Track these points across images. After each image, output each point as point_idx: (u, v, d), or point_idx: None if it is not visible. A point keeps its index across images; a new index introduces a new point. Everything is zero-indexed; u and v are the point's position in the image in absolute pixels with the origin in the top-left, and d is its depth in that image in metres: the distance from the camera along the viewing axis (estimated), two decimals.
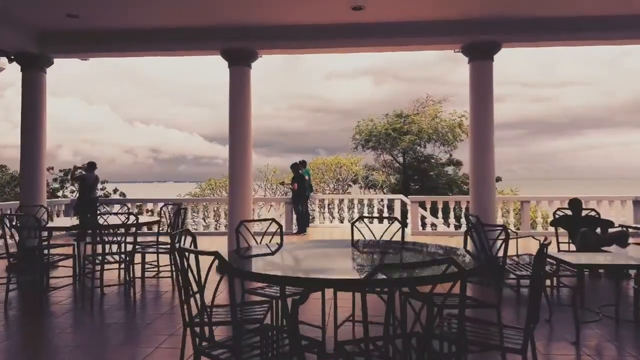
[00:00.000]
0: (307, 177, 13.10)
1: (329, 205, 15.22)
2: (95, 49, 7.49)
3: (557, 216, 7.89)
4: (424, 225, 11.97)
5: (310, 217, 14.28)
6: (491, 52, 7.30)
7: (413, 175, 17.78)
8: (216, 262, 2.42)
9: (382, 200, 14.09)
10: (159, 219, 6.55)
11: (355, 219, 4.50)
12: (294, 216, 12.03)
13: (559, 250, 7.44)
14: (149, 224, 5.94)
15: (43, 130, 7.74)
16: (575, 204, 7.56)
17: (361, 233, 4.32)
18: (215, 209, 14.35)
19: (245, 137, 7.30)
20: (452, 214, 11.85)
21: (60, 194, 15.79)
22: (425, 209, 12.08)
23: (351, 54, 7.95)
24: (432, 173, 17.12)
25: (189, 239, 3.02)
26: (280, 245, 3.90)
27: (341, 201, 13.90)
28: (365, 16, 6.63)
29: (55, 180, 15.81)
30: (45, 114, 7.76)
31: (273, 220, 4.24)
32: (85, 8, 6.45)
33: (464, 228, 11.47)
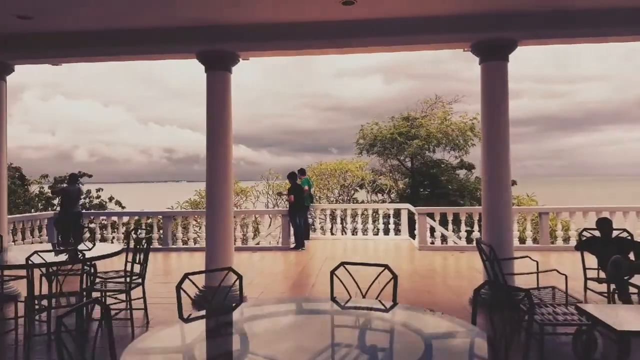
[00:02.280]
0: (306, 187, 12.26)
1: (331, 215, 14.34)
2: (59, 54, 6.71)
3: (583, 237, 6.92)
4: (433, 235, 11.04)
5: (312, 227, 13.45)
6: (505, 51, 6.34)
7: (422, 180, 16.81)
8: None
9: (387, 210, 13.18)
10: (123, 247, 5.71)
11: (336, 267, 3.62)
12: (292, 230, 11.17)
13: (586, 280, 6.46)
14: (105, 258, 5.09)
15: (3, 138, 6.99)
16: (603, 224, 6.57)
17: (344, 286, 3.44)
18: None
19: (224, 153, 6.45)
20: (463, 225, 10.89)
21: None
22: (434, 219, 11.16)
23: (352, 54, 7.03)
24: (442, 178, 16.13)
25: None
26: (237, 304, 3.06)
27: (344, 211, 13.02)
28: (356, 12, 5.72)
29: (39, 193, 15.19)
30: (4, 122, 7.02)
31: (230, 269, 3.38)
32: (40, 9, 5.66)
33: (476, 235, 10.57)
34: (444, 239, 11.41)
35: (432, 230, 11.12)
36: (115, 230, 11.88)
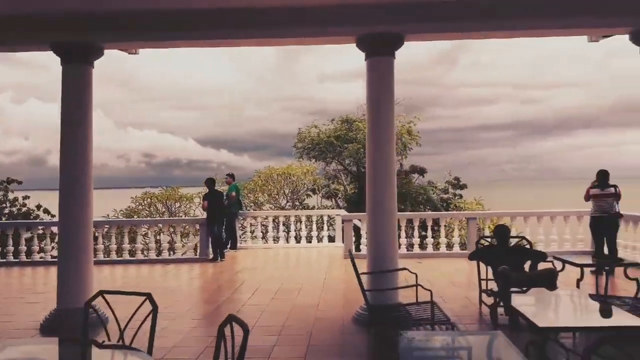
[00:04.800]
0: (234, 193, 11.66)
1: (262, 223, 13.77)
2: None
3: (479, 247, 6.48)
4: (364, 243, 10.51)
5: (242, 236, 12.83)
6: (392, 47, 5.87)
7: None
8: None
9: (321, 216, 12.66)
10: None
11: (93, 296, 3.03)
12: (210, 240, 10.53)
13: (481, 292, 6.01)
14: None
15: None
16: (500, 231, 6.14)
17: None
18: (145, 232, 12.69)
19: (83, 158, 5.81)
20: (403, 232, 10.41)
21: None
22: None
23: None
24: None
25: None
26: None
27: (276, 218, 12.46)
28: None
29: None
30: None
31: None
32: None
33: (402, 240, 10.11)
34: None
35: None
36: None
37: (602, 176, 7.91)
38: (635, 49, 5.94)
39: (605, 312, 4.10)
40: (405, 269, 5.35)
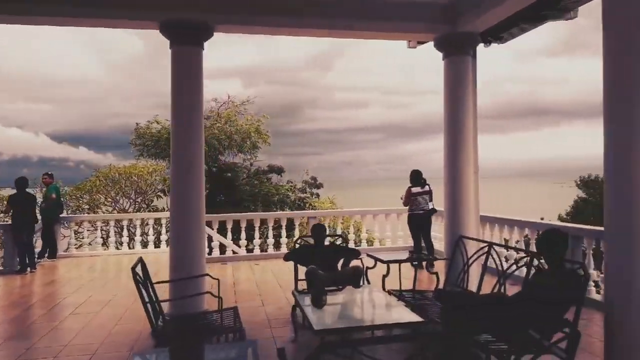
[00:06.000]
0: (53, 195, 10.27)
1: (102, 228, 12.51)
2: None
3: (297, 246, 6.42)
4: (210, 245, 9.95)
5: (66, 241, 11.43)
6: (199, 37, 5.50)
7: (220, 186, 15.77)
8: None
9: (159, 219, 11.83)
10: None
11: None
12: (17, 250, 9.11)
13: (293, 293, 5.90)
14: None
15: None
16: (316, 230, 6.12)
17: None
18: None
19: None
20: (243, 233, 10.02)
21: None
22: (212, 227, 10.17)
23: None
24: (237, 183, 15.30)
25: None
26: None
27: (106, 222, 11.32)
28: None
29: None
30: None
31: None
32: None
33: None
34: (223, 249, 10.49)
35: (211, 239, 10.14)
36: None
37: (418, 175, 8.40)
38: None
39: (385, 310, 4.17)
40: (207, 274, 5.00)
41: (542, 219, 16.39)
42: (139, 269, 4.00)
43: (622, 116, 3.41)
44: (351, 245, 10.19)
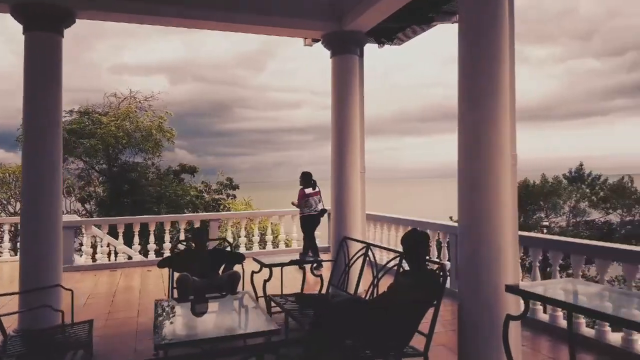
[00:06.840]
0: None
1: None
2: None
3: (176, 251, 6.03)
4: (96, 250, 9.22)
5: None
6: (58, 23, 4.97)
7: (123, 187, 14.85)
8: None
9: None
10: None
11: None
12: None
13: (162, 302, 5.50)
14: None
15: None
16: (196, 234, 5.77)
17: None
18: None
19: None
20: (136, 237, 9.35)
21: None
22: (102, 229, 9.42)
23: None
24: (142, 184, 14.48)
25: None
26: None
27: (11, 227, 10.19)
28: None
29: None
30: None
31: None
32: None
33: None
34: (115, 253, 9.77)
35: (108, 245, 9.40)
36: None
37: (309, 177, 8.29)
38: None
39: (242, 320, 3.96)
40: (59, 285, 4.50)
41: (450, 217, 17.08)
42: None
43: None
44: (255, 248, 9.92)
